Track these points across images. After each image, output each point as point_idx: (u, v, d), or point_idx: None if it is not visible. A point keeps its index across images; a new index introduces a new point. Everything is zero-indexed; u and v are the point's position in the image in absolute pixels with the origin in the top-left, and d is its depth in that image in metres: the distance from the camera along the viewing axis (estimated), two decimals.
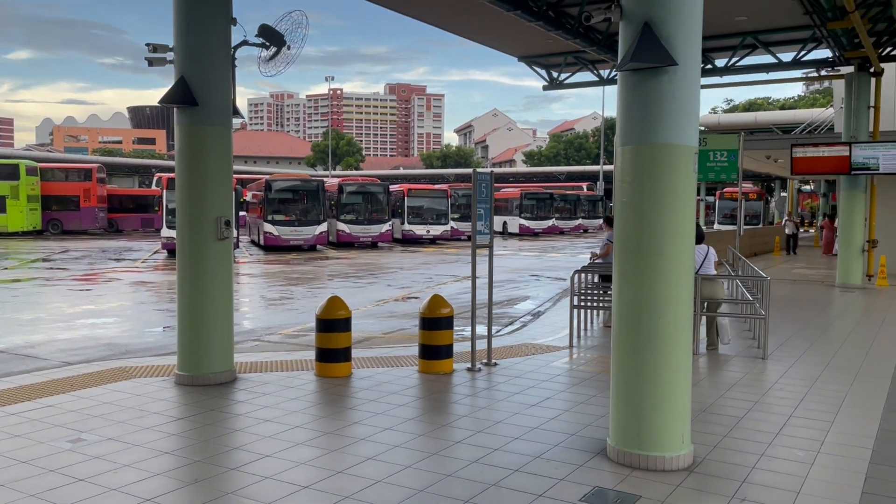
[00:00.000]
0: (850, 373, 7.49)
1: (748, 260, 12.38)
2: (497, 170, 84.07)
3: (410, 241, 34.13)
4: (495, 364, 7.69)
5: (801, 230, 30.51)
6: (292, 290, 15.59)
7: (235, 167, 7.11)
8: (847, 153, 15.15)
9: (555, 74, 18.56)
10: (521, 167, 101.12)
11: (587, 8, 4.20)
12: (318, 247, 29.31)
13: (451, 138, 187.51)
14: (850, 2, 11.19)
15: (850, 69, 15.77)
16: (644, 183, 4.73)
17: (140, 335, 10.25)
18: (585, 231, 48.39)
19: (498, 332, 10.20)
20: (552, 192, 46.80)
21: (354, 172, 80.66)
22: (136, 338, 10.01)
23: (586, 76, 18.58)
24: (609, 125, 71.35)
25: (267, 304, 13.72)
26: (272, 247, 27.92)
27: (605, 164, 61.53)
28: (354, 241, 30.92)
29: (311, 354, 7.63)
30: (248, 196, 33.67)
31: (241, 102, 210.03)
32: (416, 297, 14.45)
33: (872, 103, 15.74)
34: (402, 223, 33.94)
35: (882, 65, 15.51)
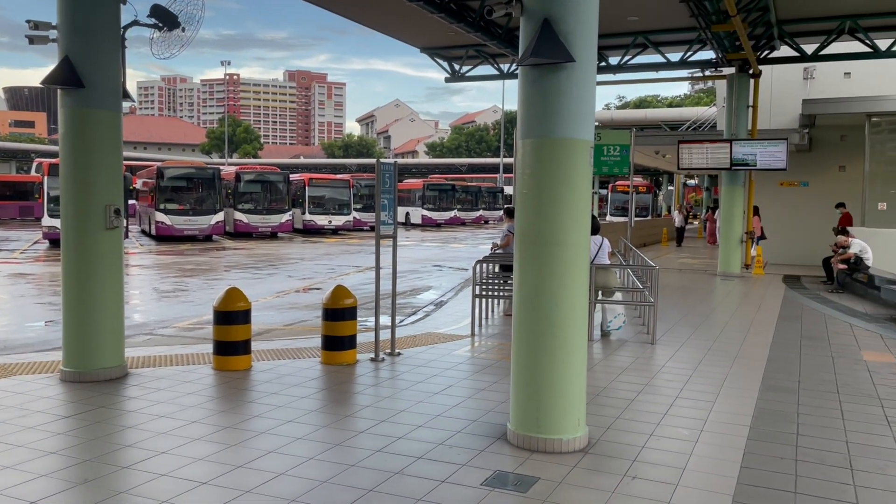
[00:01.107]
0: (729, 356, 8.01)
1: (639, 250, 12.97)
2: (399, 160, 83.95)
3: (312, 232, 33.60)
4: (399, 354, 7.73)
5: (687, 223, 32.28)
6: (187, 282, 15.04)
7: (124, 153, 6.78)
8: (728, 150, 16.13)
9: (456, 67, 18.73)
10: (423, 158, 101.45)
11: (489, 2, 4.27)
12: (215, 237, 28.37)
13: (353, 128, 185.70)
14: (732, 6, 11.89)
15: (731, 70, 16.77)
16: (543, 175, 4.87)
17: (20, 330, 9.62)
18: (486, 222, 49.23)
19: (401, 322, 10.24)
20: (454, 183, 47.31)
21: (252, 161, 78.43)
22: (15, 333, 9.38)
23: (487, 70, 18.86)
24: (509, 119, 72.71)
25: (160, 296, 13.18)
26: (165, 237, 26.80)
27: (504, 156, 62.71)
28: (253, 232, 30.13)
29: (209, 348, 7.41)
30: (139, 184, 32.12)
31: (131, 85, 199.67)
32: (318, 288, 14.27)
33: (751, 103, 16.81)
34: (303, 213, 33.35)
35: (760, 67, 16.58)
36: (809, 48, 15.93)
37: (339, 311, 7.27)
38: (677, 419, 5.63)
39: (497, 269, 10.94)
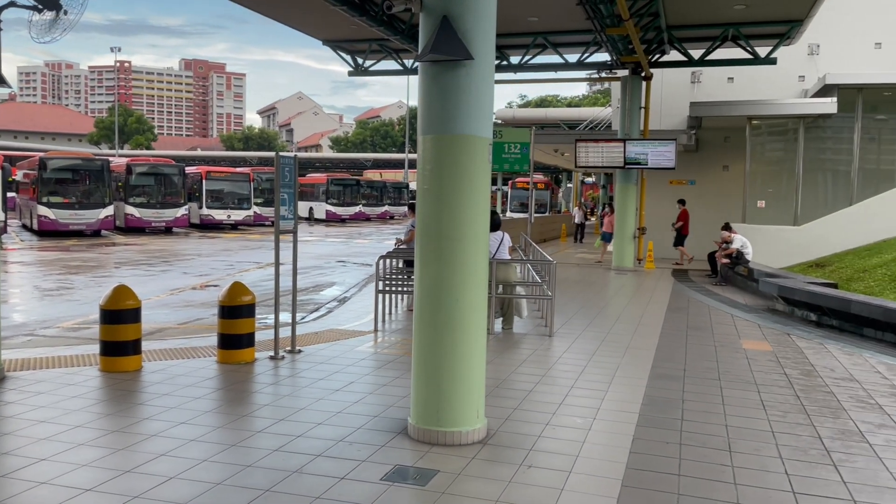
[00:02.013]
0: (622, 346, 8.36)
1: (539, 246, 13.33)
2: (303, 154, 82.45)
3: (209, 227, 32.49)
4: (299, 351, 7.61)
5: (587, 219, 33.42)
6: (72, 280, 14.22)
7: (2, 143, 6.31)
8: (622, 149, 16.80)
9: (360, 61, 18.58)
10: (327, 152, 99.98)
11: None
12: (104, 232, 26.95)
13: (253, 120, 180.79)
14: (625, 11, 12.38)
15: (625, 72, 17.46)
16: (444, 171, 4.91)
17: None
18: (392, 217, 49.12)
19: (303, 318, 10.08)
20: (358, 178, 46.98)
21: (145, 152, 74.96)
22: None
23: (391, 65, 18.81)
24: (414, 114, 72.68)
25: (42, 294, 12.39)
26: (48, 232, 25.21)
27: (410, 152, 62.73)
28: (146, 227, 28.82)
29: (95, 348, 7.04)
30: (19, 175, 30.04)
31: (10, 70, 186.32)
32: (215, 286, 13.82)
33: (643, 104, 17.56)
34: (200, 207, 32.20)
35: (651, 70, 17.35)
36: (696, 53, 16.81)
37: (236, 309, 7.07)
38: (572, 408, 5.83)
39: (401, 265, 10.95)
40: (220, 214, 32.56)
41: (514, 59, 18.04)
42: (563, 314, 10.37)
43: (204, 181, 32.28)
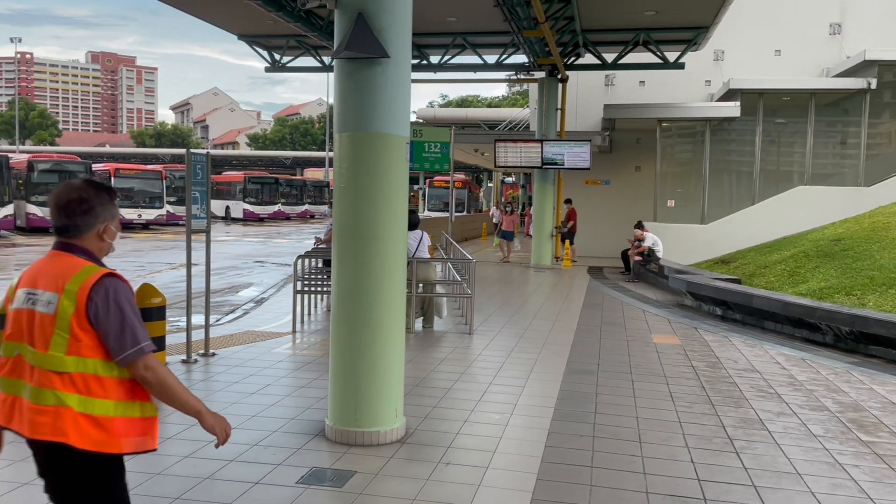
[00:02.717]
0: (539, 342, 8.53)
1: (459, 245, 13.43)
2: (219, 152, 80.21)
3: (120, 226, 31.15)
4: (213, 354, 7.40)
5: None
6: None
7: None
8: (539, 149, 17.12)
9: (277, 56, 18.24)
10: (245, 150, 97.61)
11: None
12: (3, 232, 25.44)
13: (166, 116, 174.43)
14: (541, 13, 12.62)
15: (542, 74, 17.81)
16: (360, 170, 4.88)
17: None
18: (312, 217, 48.44)
19: (217, 320, 9.81)
20: (277, 176, 46.07)
21: (49, 148, 71.15)
22: None
23: (309, 61, 18.57)
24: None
25: None
26: None
27: (331, 150, 61.97)
28: (48, 227, 27.36)
29: None
30: None
31: None
32: None
33: (560, 106, 17.96)
34: None
35: (567, 72, 17.76)
36: (610, 56, 17.32)
37: (145, 311, 6.78)
38: (490, 405, 5.89)
39: (321, 264, 10.81)
40: (130, 213, 31.26)
41: (434, 59, 18.11)
42: (482, 312, 10.49)
43: (113, 179, 30.94)
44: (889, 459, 4.80)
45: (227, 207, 42.26)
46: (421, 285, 9.28)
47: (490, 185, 49.79)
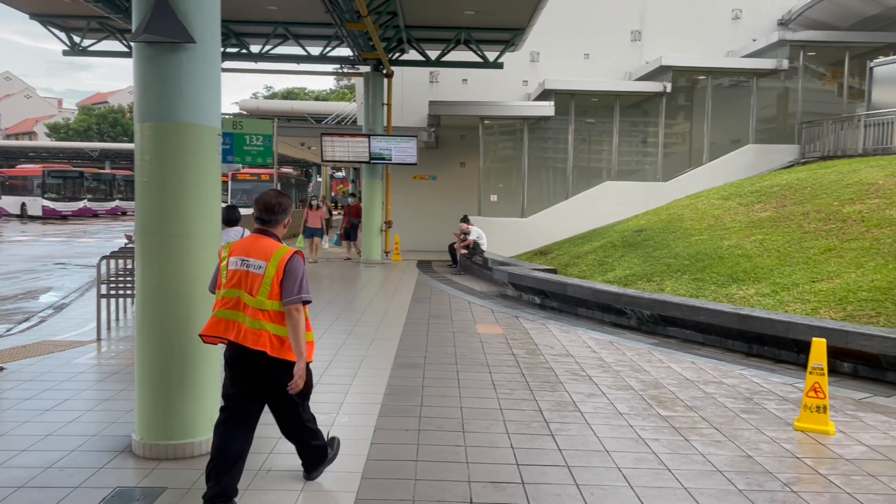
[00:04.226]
0: (367, 338, 8.47)
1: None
2: (11, 143, 72.10)
3: None
4: (2, 369, 6.59)
5: (336, 213, 33.29)
6: None
7: None
8: (367, 144, 17.06)
9: (77, 39, 16.69)
10: (44, 141, 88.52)
11: None
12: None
13: None
14: (363, 7, 12.54)
15: (367, 68, 17.74)
16: (166, 163, 4.54)
17: None
18: (124, 213, 44.96)
19: (8, 331, 8.79)
20: (82, 170, 42.22)
21: None
22: None
23: (115, 45, 17.16)
24: None
25: None
26: None
27: None
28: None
29: None
30: None
31: None
32: None
33: (386, 101, 18.00)
34: None
35: (392, 67, 17.83)
36: (434, 54, 17.62)
37: None
38: (316, 405, 5.70)
39: (130, 265, 9.99)
40: None
41: (255, 48, 17.43)
42: (310, 309, 10.20)
43: None
44: (684, 432, 5.27)
45: (24, 204, 38.18)
46: None
47: (319, 179, 49.00)
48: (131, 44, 4.52)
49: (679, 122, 20.31)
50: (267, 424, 4.30)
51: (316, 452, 4.15)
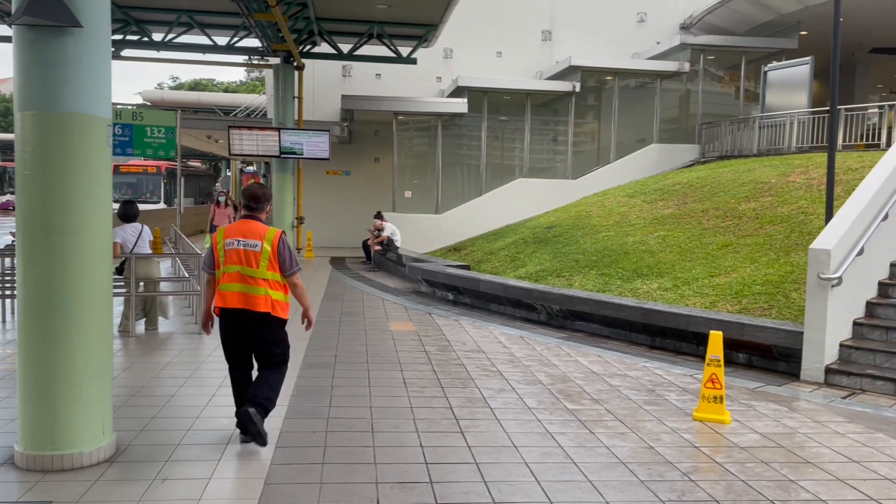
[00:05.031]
0: None
1: (190, 239, 12.55)
2: None
3: None
4: None
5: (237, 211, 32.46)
6: None
7: None
8: (277, 138, 16.64)
9: None
10: None
11: None
12: None
13: None
14: None
15: (277, 60, 17.29)
16: (49, 154, 4.23)
17: None
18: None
19: None
20: None
21: None
22: None
23: (3, 30, 16.02)
24: None
25: None
26: None
27: None
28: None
29: None
30: None
31: None
32: None
33: (297, 94, 17.61)
34: None
35: (303, 60, 17.45)
36: (346, 47, 17.36)
37: None
38: (219, 409, 5.53)
39: (10, 264, 9.37)
40: None
41: (158, 37, 16.68)
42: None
43: None
44: (590, 425, 5.37)
45: None
46: (142, 283, 8.47)
47: (229, 173, 47.57)
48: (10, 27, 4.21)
49: (588, 121, 20.83)
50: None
51: (270, 396, 4.74)
